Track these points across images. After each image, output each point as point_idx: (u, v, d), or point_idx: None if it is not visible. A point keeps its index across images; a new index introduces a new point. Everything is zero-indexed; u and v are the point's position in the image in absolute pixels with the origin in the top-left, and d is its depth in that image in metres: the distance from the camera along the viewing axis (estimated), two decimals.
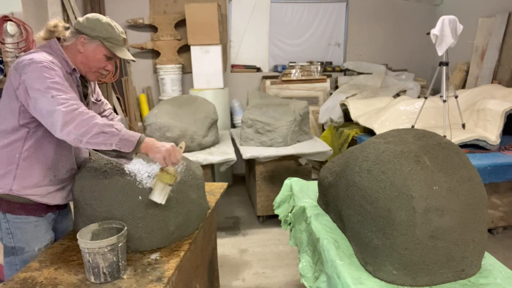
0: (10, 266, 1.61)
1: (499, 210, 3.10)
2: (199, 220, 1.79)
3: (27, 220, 1.58)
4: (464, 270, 1.34)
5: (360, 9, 5.13)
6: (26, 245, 1.59)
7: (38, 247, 1.61)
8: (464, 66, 4.52)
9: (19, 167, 1.52)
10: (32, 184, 1.55)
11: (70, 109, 1.37)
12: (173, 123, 3.31)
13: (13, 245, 1.58)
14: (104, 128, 1.39)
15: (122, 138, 1.41)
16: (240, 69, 5.07)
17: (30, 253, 1.60)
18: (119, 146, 1.41)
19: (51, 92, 1.38)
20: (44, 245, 1.63)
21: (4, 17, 3.18)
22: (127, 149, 1.42)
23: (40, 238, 1.62)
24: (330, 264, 1.48)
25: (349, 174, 1.55)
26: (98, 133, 1.38)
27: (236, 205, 4.13)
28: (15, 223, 1.57)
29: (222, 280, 2.70)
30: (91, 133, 1.37)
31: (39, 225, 1.62)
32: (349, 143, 4.00)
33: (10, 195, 1.53)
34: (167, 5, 4.76)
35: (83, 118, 1.37)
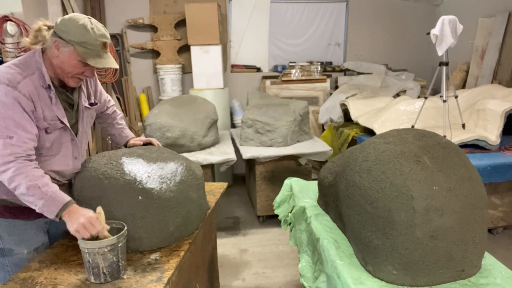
0: (2, 267, 1.59)
1: (499, 210, 3.10)
2: (199, 220, 1.79)
3: (14, 223, 1.56)
4: (464, 270, 1.34)
5: (360, 9, 5.13)
6: (15, 248, 1.58)
7: (28, 250, 1.59)
8: (464, 66, 4.51)
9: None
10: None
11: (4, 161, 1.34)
12: (173, 123, 3.31)
13: (2, 246, 1.57)
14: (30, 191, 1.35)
15: (45, 204, 1.36)
16: (240, 69, 5.07)
17: (20, 255, 1.58)
18: (42, 210, 1.37)
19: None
20: (33, 248, 1.61)
21: (4, 17, 3.18)
22: (49, 214, 1.38)
23: (29, 241, 1.60)
24: (330, 264, 1.48)
25: (349, 174, 1.55)
26: (22, 194, 1.36)
27: (236, 205, 4.13)
28: (2, 225, 1.55)
29: (222, 280, 2.70)
30: (17, 191, 1.36)
31: (28, 229, 1.59)
32: (349, 143, 4.00)
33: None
34: (167, 5, 4.76)
35: (9, 176, 1.34)
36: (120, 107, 4.67)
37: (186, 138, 3.32)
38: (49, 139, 1.51)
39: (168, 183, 1.60)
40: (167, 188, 1.59)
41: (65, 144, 1.59)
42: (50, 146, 1.53)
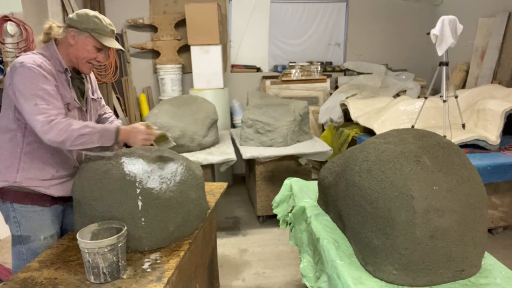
0: (17, 255, 1.68)
1: (499, 210, 3.10)
2: (199, 220, 1.79)
3: (33, 209, 1.66)
4: (464, 270, 1.34)
5: (360, 9, 5.13)
6: (32, 234, 1.66)
7: (44, 236, 1.68)
8: (464, 66, 4.51)
9: (22, 161, 1.62)
10: (35, 177, 1.64)
11: (49, 120, 1.48)
12: (173, 123, 3.31)
13: (20, 233, 1.66)
14: (83, 130, 1.52)
15: (102, 135, 1.55)
16: (240, 69, 5.07)
17: (36, 242, 1.67)
18: (101, 142, 1.54)
19: (34, 100, 1.49)
20: (50, 235, 1.70)
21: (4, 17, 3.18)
22: (108, 142, 1.56)
23: (45, 228, 1.69)
24: (330, 264, 1.48)
25: (349, 174, 1.55)
26: (78, 137, 1.51)
27: (236, 205, 4.13)
28: (21, 212, 1.65)
29: (222, 280, 2.70)
30: (72, 138, 1.50)
31: (45, 215, 1.69)
32: (349, 143, 4.00)
33: (16, 186, 1.62)
34: (167, 5, 4.76)
35: (60, 127, 1.49)
36: (120, 107, 4.67)
37: (186, 138, 3.32)
38: (71, 116, 1.66)
39: (168, 183, 1.60)
40: (167, 188, 1.59)
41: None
42: None
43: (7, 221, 1.70)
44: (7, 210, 1.66)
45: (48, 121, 1.48)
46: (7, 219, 1.69)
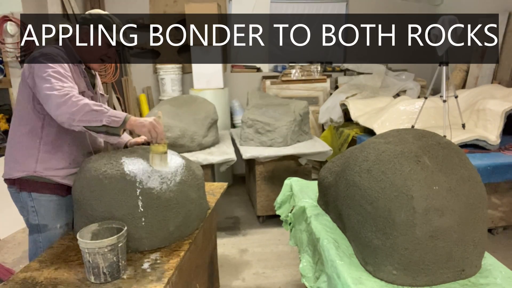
0: (34, 243, 1.75)
1: (499, 210, 3.10)
2: (199, 220, 1.79)
3: (51, 198, 1.74)
4: (464, 270, 1.34)
5: (360, 9, 5.13)
6: (49, 223, 1.74)
7: (60, 225, 1.77)
8: (464, 66, 4.51)
9: (41, 152, 1.69)
10: (52, 167, 1.71)
11: (63, 93, 1.52)
12: (173, 123, 3.31)
13: (38, 222, 1.73)
14: (94, 106, 1.54)
15: (110, 115, 1.56)
16: (240, 69, 5.07)
17: (53, 230, 1.75)
18: (108, 121, 1.54)
19: (50, 80, 1.55)
20: (65, 223, 1.79)
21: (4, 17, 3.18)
22: (115, 124, 1.56)
23: (62, 216, 1.77)
24: (330, 264, 1.48)
25: (349, 174, 1.55)
26: (89, 111, 1.52)
27: (236, 205, 4.13)
28: (40, 201, 1.72)
29: (222, 280, 2.70)
30: (83, 111, 1.51)
31: (61, 204, 1.77)
32: (349, 143, 4.00)
33: (34, 176, 1.69)
34: (167, 5, 4.76)
35: (74, 100, 1.52)
36: (120, 107, 4.67)
37: (186, 138, 3.32)
38: None
39: (168, 183, 1.60)
40: (167, 188, 1.59)
41: None
42: None
43: (22, 211, 1.77)
44: (25, 200, 1.73)
45: (62, 94, 1.52)
46: (23, 209, 1.76)
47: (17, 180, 1.71)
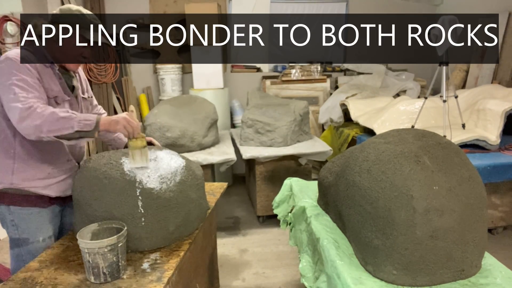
0: (17, 258, 1.67)
1: (499, 210, 3.10)
2: (199, 220, 1.79)
3: (31, 211, 1.64)
4: (464, 270, 1.34)
5: (360, 9, 5.13)
6: (31, 236, 1.65)
7: (43, 237, 1.68)
8: (464, 66, 4.51)
9: (16, 162, 1.59)
10: (30, 177, 1.62)
11: (27, 106, 1.43)
12: (173, 123, 3.31)
13: (18, 236, 1.65)
14: (61, 114, 1.45)
15: (81, 120, 1.47)
16: (240, 69, 5.07)
17: (35, 243, 1.66)
18: (80, 126, 1.46)
19: (14, 90, 1.45)
20: (48, 236, 1.70)
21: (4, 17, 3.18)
22: (88, 127, 1.48)
23: (44, 229, 1.68)
24: (330, 264, 1.48)
25: (349, 174, 1.55)
26: (56, 120, 1.44)
27: (236, 205, 4.13)
28: (19, 214, 1.63)
29: (222, 280, 2.70)
30: (50, 121, 1.43)
31: (43, 216, 1.68)
32: (349, 143, 4.00)
33: (12, 188, 1.60)
34: (167, 5, 4.76)
35: (39, 111, 1.43)
36: (120, 107, 4.67)
37: (186, 138, 3.32)
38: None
39: (168, 183, 1.60)
40: (167, 188, 1.59)
41: None
42: None
43: (3, 225, 1.67)
44: (3, 214, 1.64)
45: (26, 108, 1.43)
46: (3, 223, 1.67)
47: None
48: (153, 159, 1.69)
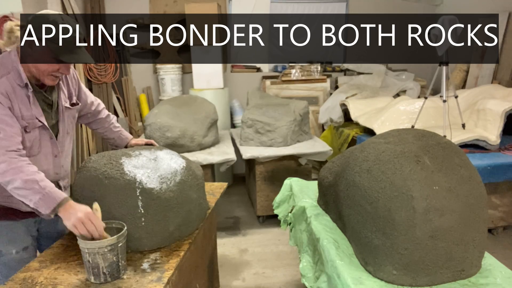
0: None
1: (499, 210, 3.10)
2: (199, 220, 1.79)
3: (2, 223, 1.58)
4: (464, 270, 1.34)
5: (360, 9, 5.13)
6: (3, 248, 1.59)
7: (16, 250, 1.61)
8: (464, 66, 4.51)
9: None
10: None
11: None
12: (173, 123, 3.31)
13: None
14: (27, 184, 1.33)
15: (42, 199, 1.34)
16: (240, 69, 5.07)
17: (8, 256, 1.60)
18: (37, 205, 1.34)
19: None
20: (22, 248, 1.62)
21: (4, 17, 3.18)
22: (44, 210, 1.35)
23: (18, 241, 1.61)
24: (330, 264, 1.48)
25: (349, 174, 1.55)
26: (19, 188, 1.33)
27: (236, 205, 4.13)
28: None
29: (222, 280, 2.70)
30: (14, 184, 1.33)
31: (15, 228, 1.61)
32: (349, 143, 4.00)
33: None
34: (167, 5, 4.76)
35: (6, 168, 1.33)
36: (120, 107, 4.67)
37: (186, 138, 3.32)
38: (29, 139, 1.50)
39: (168, 183, 1.60)
40: (167, 188, 1.59)
41: (45, 143, 1.58)
42: (30, 146, 1.52)
43: None
44: None
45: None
46: None
47: None
48: (153, 159, 1.69)
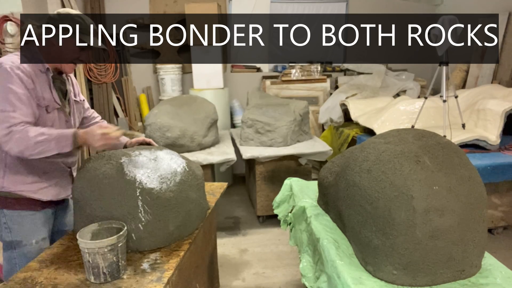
0: (9, 261, 1.68)
1: (499, 210, 3.10)
2: (199, 220, 1.79)
3: (23, 213, 1.66)
4: (464, 270, 1.34)
5: (360, 9, 5.13)
6: (24, 239, 1.66)
7: (36, 240, 1.68)
8: (464, 66, 4.51)
9: (7, 165, 1.61)
10: (21, 181, 1.63)
11: (7, 131, 1.46)
12: (173, 123, 3.31)
13: (11, 239, 1.66)
14: (38, 138, 1.48)
15: (58, 141, 1.51)
16: (240, 69, 5.07)
17: (28, 246, 1.67)
18: (59, 148, 1.51)
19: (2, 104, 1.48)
20: (41, 238, 1.71)
21: (4, 17, 3.18)
22: (67, 148, 1.53)
23: (37, 231, 1.69)
24: (330, 264, 1.48)
25: (349, 174, 1.55)
26: (34, 144, 1.47)
27: (236, 205, 4.13)
28: (12, 217, 1.64)
29: (222, 280, 2.70)
30: (29, 147, 1.47)
31: (36, 219, 1.69)
32: (349, 143, 4.00)
33: (3, 191, 1.62)
34: (167, 5, 4.76)
35: (17, 137, 1.46)
36: (120, 107, 4.67)
37: (186, 138, 3.32)
38: (50, 119, 1.65)
39: (168, 183, 1.60)
40: (167, 188, 1.59)
41: (62, 124, 1.72)
42: (51, 126, 1.65)
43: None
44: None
45: (6, 132, 1.46)
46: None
47: None
48: (153, 159, 1.69)
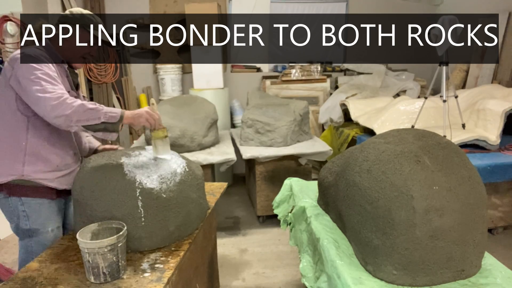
0: (26, 249, 1.74)
1: (499, 210, 3.10)
2: (199, 220, 1.79)
3: (41, 201, 1.72)
4: (464, 270, 1.34)
5: (360, 9, 5.13)
6: (41, 227, 1.73)
7: (51, 228, 1.76)
8: (464, 66, 4.51)
9: (27, 154, 1.66)
10: (40, 169, 1.69)
11: (57, 96, 1.52)
12: (173, 123, 3.31)
13: (29, 227, 1.72)
14: (89, 105, 1.56)
15: (107, 112, 1.59)
16: (240, 69, 5.07)
17: (45, 234, 1.74)
18: (106, 117, 1.57)
19: (40, 82, 1.54)
20: (56, 226, 1.78)
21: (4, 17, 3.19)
22: (113, 119, 1.59)
23: (52, 219, 1.77)
24: (330, 264, 1.48)
25: (349, 174, 1.55)
26: (85, 111, 1.54)
27: (236, 205, 4.13)
28: (31, 205, 1.70)
29: (222, 280, 2.70)
30: (79, 112, 1.53)
31: (52, 207, 1.76)
32: (349, 143, 4.00)
33: (23, 180, 1.67)
34: (167, 5, 4.76)
35: (69, 102, 1.53)
36: (120, 107, 4.67)
37: (186, 138, 3.32)
38: None
39: (168, 183, 1.60)
40: (167, 188, 1.59)
41: None
42: None
43: (12, 217, 1.73)
44: (15, 205, 1.70)
45: (56, 97, 1.52)
46: (12, 215, 1.72)
47: (5, 185, 1.67)
48: (153, 159, 1.69)
